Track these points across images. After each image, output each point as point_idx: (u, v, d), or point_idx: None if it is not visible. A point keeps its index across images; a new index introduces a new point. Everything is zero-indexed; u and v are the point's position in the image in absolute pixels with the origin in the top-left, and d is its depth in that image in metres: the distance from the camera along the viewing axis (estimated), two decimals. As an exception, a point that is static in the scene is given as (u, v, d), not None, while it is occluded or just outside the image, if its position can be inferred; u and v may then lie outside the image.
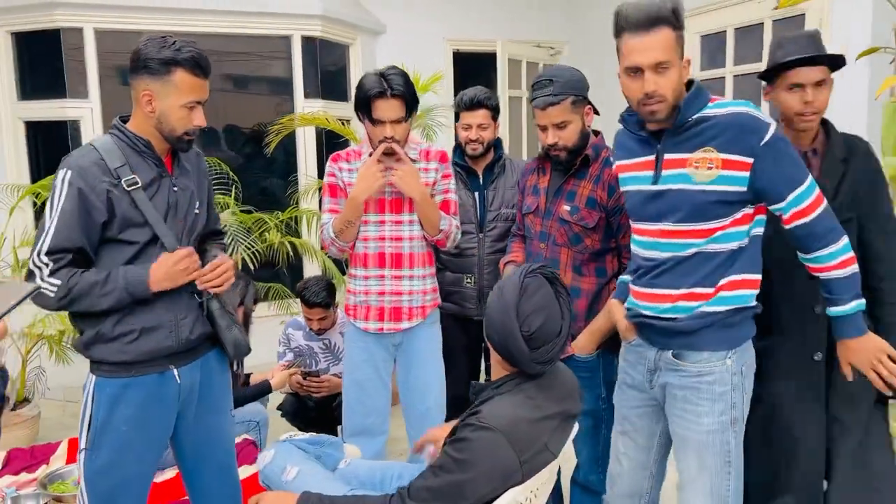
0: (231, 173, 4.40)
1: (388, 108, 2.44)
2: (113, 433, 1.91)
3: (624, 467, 2.09)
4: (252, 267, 4.06)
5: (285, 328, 3.64)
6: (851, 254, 1.81)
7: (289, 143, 5.10)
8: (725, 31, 4.68)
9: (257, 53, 5.22)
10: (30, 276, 1.88)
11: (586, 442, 2.40)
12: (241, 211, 4.40)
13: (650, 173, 1.90)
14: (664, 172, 1.87)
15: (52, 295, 1.85)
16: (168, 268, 1.92)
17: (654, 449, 2.05)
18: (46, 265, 1.85)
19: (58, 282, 1.85)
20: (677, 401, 1.91)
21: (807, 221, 1.78)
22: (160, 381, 1.97)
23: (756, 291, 1.89)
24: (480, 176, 3.08)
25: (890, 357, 1.80)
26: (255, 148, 5.02)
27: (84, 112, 4.57)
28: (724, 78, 4.74)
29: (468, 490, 1.63)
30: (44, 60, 4.60)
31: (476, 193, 3.06)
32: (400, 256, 2.61)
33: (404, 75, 2.49)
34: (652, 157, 1.90)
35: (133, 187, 1.91)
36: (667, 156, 1.87)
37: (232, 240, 4.05)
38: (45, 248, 1.85)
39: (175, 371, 2.00)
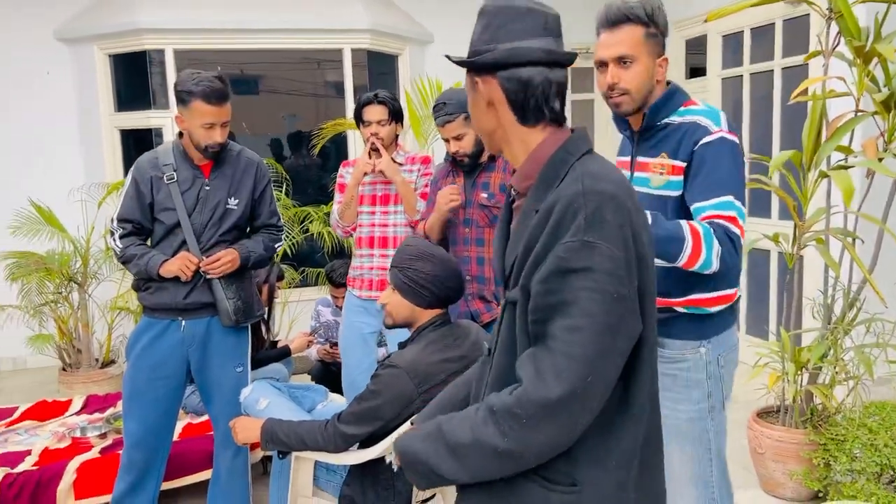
0: (284, 172, 5.05)
1: (373, 112, 3.11)
2: (135, 353, 2.65)
3: None
4: (290, 254, 4.69)
5: (315, 305, 4.23)
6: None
7: (343, 145, 5.72)
8: (742, 32, 4.88)
9: (315, 64, 5.86)
10: (111, 234, 2.66)
11: None
12: (293, 205, 5.04)
13: (628, 173, 1.99)
14: (635, 174, 1.97)
15: (117, 252, 2.64)
16: (174, 265, 2.56)
17: None
18: (117, 230, 2.62)
19: (121, 245, 2.62)
20: None
21: (720, 225, 1.75)
22: (170, 326, 2.64)
23: (724, 305, 1.92)
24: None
25: None
26: (312, 149, 5.66)
27: (165, 121, 5.36)
28: (741, 76, 4.93)
29: (378, 413, 2.12)
30: (133, 77, 5.42)
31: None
32: (385, 239, 3.21)
33: (391, 93, 3.18)
34: (629, 158, 2.00)
35: (170, 181, 2.59)
36: (638, 158, 1.97)
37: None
38: (115, 216, 2.65)
39: (182, 322, 2.63)
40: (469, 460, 1.19)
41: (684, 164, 1.83)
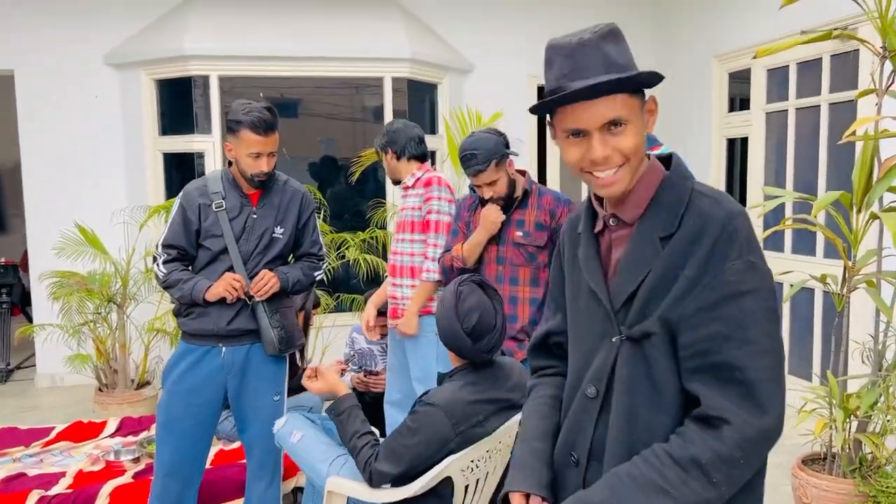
0: (322, 198, 5.08)
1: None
2: (171, 380, 2.63)
3: None
4: (326, 280, 4.70)
5: (350, 332, 4.21)
6: None
7: (380, 173, 5.75)
8: (788, 66, 4.81)
9: (353, 90, 5.92)
10: (154, 260, 2.66)
11: None
12: (330, 231, 5.06)
13: None
14: None
15: (160, 277, 2.64)
16: (220, 287, 2.56)
17: None
18: (161, 256, 2.63)
19: (165, 270, 2.62)
20: None
21: None
22: (209, 353, 2.63)
23: None
24: None
25: None
26: (350, 175, 5.70)
27: (207, 146, 5.44)
28: (787, 111, 4.85)
29: (414, 450, 2.09)
30: (178, 102, 5.52)
31: None
32: (394, 267, 3.25)
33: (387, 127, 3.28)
34: None
35: (218, 209, 2.61)
36: None
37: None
38: (161, 242, 2.66)
39: (222, 348, 2.62)
40: None
41: None
